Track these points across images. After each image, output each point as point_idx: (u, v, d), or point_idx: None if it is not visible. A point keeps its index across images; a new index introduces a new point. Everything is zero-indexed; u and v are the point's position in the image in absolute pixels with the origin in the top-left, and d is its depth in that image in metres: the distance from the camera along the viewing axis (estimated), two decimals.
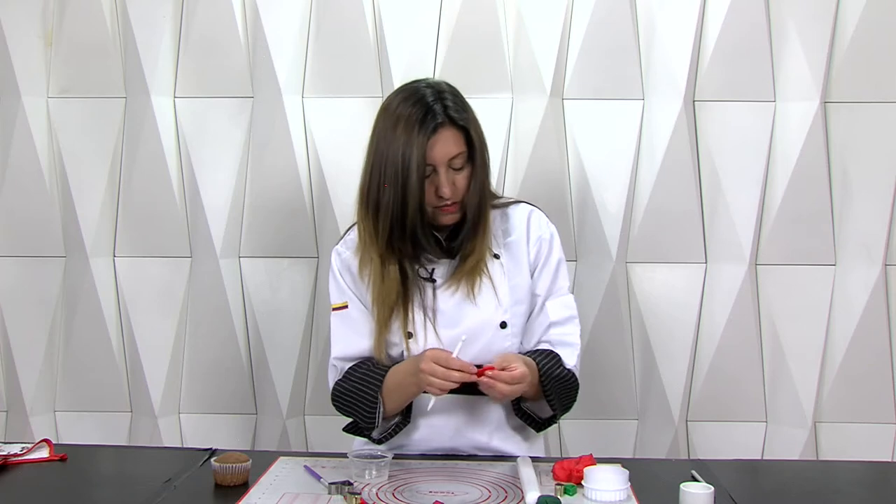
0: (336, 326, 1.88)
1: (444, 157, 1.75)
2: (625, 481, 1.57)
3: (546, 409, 1.83)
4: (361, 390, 1.81)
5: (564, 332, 1.87)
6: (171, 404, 2.65)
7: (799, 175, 2.51)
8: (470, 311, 1.82)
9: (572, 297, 1.92)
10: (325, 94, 2.57)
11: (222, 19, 2.55)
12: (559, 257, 1.91)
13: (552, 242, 1.91)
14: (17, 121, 2.58)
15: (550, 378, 1.79)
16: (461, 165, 1.78)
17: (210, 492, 1.62)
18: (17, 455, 1.79)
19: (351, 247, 1.88)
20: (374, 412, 1.79)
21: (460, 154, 1.77)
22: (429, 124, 1.73)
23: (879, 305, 2.54)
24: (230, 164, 2.60)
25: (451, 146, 1.76)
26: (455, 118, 1.76)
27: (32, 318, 2.65)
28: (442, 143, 1.75)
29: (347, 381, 1.84)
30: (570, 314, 1.89)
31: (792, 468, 2.00)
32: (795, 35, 2.50)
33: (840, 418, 2.58)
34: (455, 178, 1.78)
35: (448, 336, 1.80)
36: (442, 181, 1.76)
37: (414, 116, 1.74)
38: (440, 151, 1.75)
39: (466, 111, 1.80)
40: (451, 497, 1.57)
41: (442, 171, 1.76)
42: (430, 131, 1.73)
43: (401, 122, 1.75)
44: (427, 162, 1.74)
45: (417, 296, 1.82)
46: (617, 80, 2.54)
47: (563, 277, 1.91)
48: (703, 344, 2.58)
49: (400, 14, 2.53)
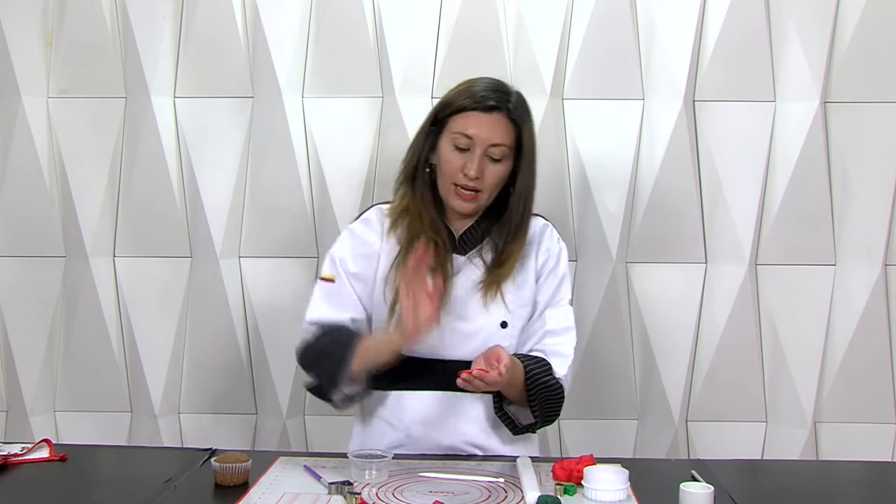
0: (318, 295, 1.88)
1: (486, 141, 1.76)
2: (625, 481, 1.57)
3: (527, 415, 1.83)
4: (331, 346, 1.78)
5: (559, 343, 1.88)
6: (171, 404, 2.65)
7: (799, 175, 2.51)
8: (476, 306, 1.83)
9: (572, 311, 1.93)
10: (325, 94, 2.57)
11: (222, 19, 2.55)
12: (564, 271, 1.93)
13: (560, 256, 1.93)
14: (17, 121, 2.58)
15: (537, 384, 1.79)
16: (500, 157, 1.79)
17: (210, 492, 1.62)
18: (17, 455, 1.79)
19: (367, 224, 1.89)
20: (339, 370, 1.75)
21: (503, 146, 1.78)
22: (486, 101, 1.77)
23: (879, 305, 2.54)
24: (230, 164, 2.60)
25: (496, 133, 1.77)
26: (512, 111, 1.78)
27: (32, 318, 2.65)
28: (490, 125, 1.76)
29: (317, 340, 1.82)
30: (567, 325, 1.90)
31: (792, 468, 2.00)
32: (795, 35, 2.50)
33: (840, 418, 2.58)
34: (487, 167, 1.78)
35: (451, 324, 1.81)
36: (474, 161, 1.76)
37: (478, 90, 1.78)
38: (485, 131, 1.76)
39: (527, 115, 1.83)
40: (451, 497, 1.57)
41: (478, 151, 1.76)
42: (484, 108, 1.76)
43: (464, 90, 1.79)
44: (468, 133, 1.76)
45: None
46: (617, 80, 2.54)
47: (565, 289, 1.93)
48: (703, 344, 2.58)
49: (400, 14, 2.53)
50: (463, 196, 1.79)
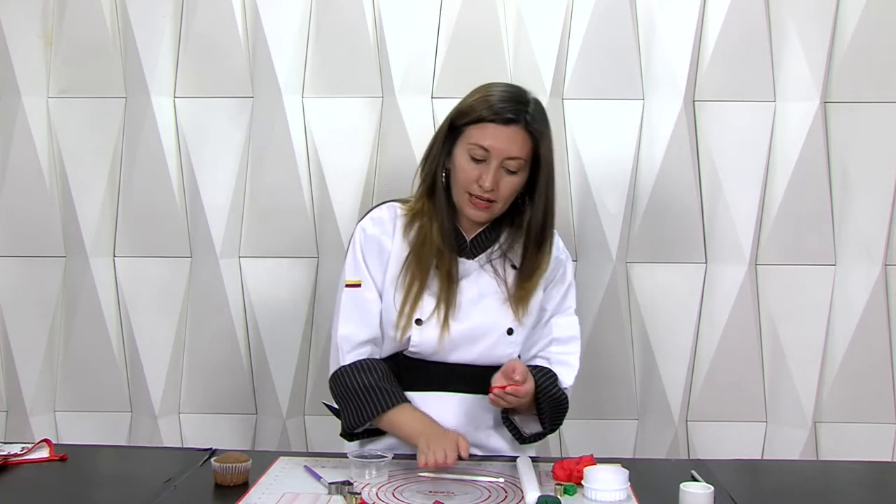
0: (346, 304, 1.85)
1: (503, 153, 1.74)
2: (625, 481, 1.57)
3: (533, 425, 1.84)
4: (362, 399, 1.79)
5: (565, 352, 1.89)
6: (171, 404, 2.65)
7: (799, 175, 2.51)
8: (484, 311, 1.83)
9: (577, 320, 1.94)
10: (325, 94, 2.57)
11: (222, 19, 2.55)
12: (571, 280, 1.95)
13: (566, 265, 1.94)
14: (17, 121, 2.58)
15: (547, 397, 1.80)
16: (516, 170, 1.76)
17: (210, 492, 1.62)
18: (17, 455, 1.79)
19: (379, 224, 1.87)
20: (361, 422, 1.80)
21: (519, 159, 1.75)
22: (504, 114, 1.73)
23: (879, 305, 2.54)
24: (230, 164, 2.60)
25: (513, 146, 1.74)
26: (530, 124, 1.75)
27: (32, 318, 2.65)
28: (507, 137, 1.74)
29: (353, 378, 1.81)
30: (573, 334, 1.92)
31: (792, 468, 2.00)
32: (795, 35, 2.50)
33: (840, 418, 2.58)
34: (503, 179, 1.76)
35: (458, 330, 1.81)
36: (489, 173, 1.74)
37: (495, 100, 1.75)
38: (502, 143, 1.73)
39: (546, 126, 1.79)
40: (451, 497, 1.57)
41: (494, 163, 1.74)
42: (502, 121, 1.73)
43: (481, 99, 1.76)
44: (484, 145, 1.74)
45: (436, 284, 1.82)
46: (617, 80, 2.54)
47: (571, 298, 1.95)
48: (703, 344, 2.58)
49: (400, 14, 2.53)
50: (477, 205, 1.78)
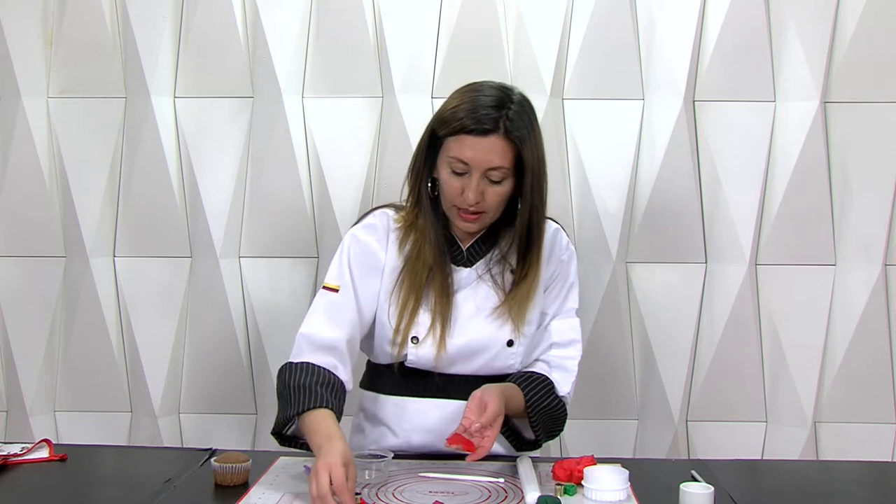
0: (317, 305, 1.79)
1: (483, 165, 1.67)
2: (625, 481, 1.57)
3: (530, 432, 1.82)
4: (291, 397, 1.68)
5: (564, 356, 1.87)
6: (170, 404, 2.65)
7: (799, 175, 2.51)
8: (481, 326, 1.80)
9: (578, 321, 1.91)
10: (325, 94, 2.57)
11: (222, 19, 2.55)
12: (573, 280, 1.90)
13: (569, 264, 1.90)
14: (17, 121, 2.58)
15: (538, 409, 1.78)
16: (500, 179, 1.70)
17: (210, 492, 1.62)
18: (17, 455, 1.79)
19: (372, 231, 1.82)
20: (287, 420, 1.70)
21: (501, 168, 1.68)
22: (482, 124, 1.65)
23: (879, 305, 2.54)
24: (230, 164, 2.60)
25: (494, 156, 1.67)
26: (511, 132, 1.67)
27: (32, 318, 2.65)
28: (486, 148, 1.66)
29: (291, 375, 1.72)
30: (573, 337, 1.88)
31: (792, 468, 2.00)
32: (795, 35, 2.50)
33: (840, 418, 2.58)
34: (487, 189, 1.70)
35: (455, 346, 1.78)
36: (472, 186, 1.68)
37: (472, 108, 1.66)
38: (480, 157, 1.66)
39: (528, 129, 1.70)
40: (451, 497, 1.57)
41: (476, 175, 1.68)
42: (479, 132, 1.66)
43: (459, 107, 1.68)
44: (463, 160, 1.67)
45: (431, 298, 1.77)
46: (617, 80, 2.54)
47: (573, 300, 1.90)
48: (703, 344, 2.58)
49: (400, 14, 2.53)
50: (466, 218, 1.74)
